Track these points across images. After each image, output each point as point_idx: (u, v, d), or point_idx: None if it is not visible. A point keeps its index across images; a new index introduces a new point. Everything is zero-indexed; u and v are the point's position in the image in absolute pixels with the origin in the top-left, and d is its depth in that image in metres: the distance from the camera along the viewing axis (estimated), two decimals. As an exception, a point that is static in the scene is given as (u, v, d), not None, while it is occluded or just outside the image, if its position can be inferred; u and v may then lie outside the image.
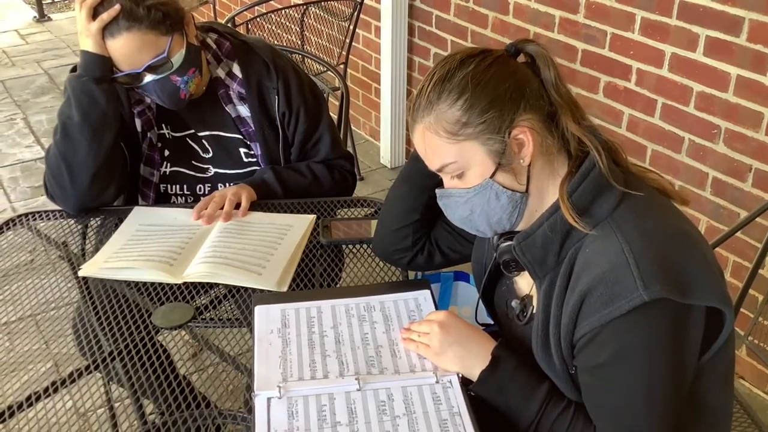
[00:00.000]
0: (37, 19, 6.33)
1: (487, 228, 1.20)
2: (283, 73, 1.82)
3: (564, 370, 1.14)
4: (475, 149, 1.13)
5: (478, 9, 3.12)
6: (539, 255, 1.15)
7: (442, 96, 1.13)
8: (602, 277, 1.05)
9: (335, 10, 3.66)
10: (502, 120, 1.11)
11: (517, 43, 1.19)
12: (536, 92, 1.14)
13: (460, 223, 1.23)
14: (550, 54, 1.17)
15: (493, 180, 1.14)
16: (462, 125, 1.12)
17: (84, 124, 1.66)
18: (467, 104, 1.11)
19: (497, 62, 1.15)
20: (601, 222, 1.10)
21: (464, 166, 1.15)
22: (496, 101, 1.11)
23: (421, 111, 1.15)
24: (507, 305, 1.32)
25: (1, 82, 5.05)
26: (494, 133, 1.11)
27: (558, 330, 1.12)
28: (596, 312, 1.05)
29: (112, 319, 1.43)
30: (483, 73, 1.13)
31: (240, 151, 1.87)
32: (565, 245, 1.13)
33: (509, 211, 1.16)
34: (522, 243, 1.16)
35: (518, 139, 1.12)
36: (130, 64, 1.63)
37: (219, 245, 1.59)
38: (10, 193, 3.69)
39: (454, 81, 1.12)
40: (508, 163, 1.13)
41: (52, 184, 1.73)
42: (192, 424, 1.18)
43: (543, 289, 1.16)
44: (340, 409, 1.15)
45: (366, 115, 4.16)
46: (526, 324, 1.25)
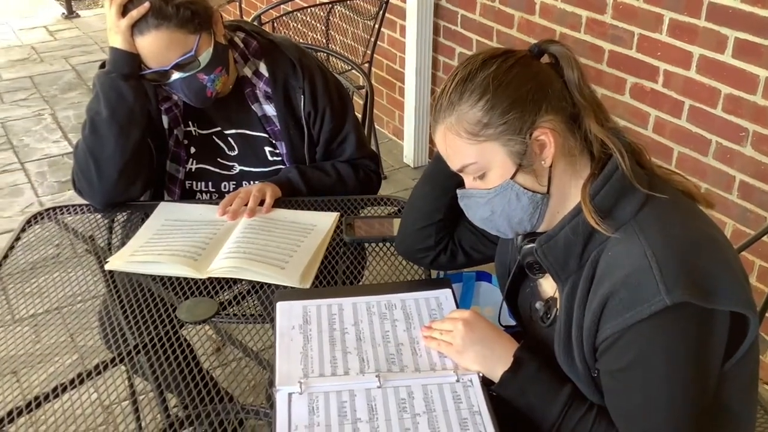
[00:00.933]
0: (66, 15, 6.40)
1: (507, 229, 1.20)
2: (309, 73, 1.82)
3: (586, 373, 1.14)
4: (496, 150, 1.13)
5: (504, 8, 3.11)
6: (561, 257, 1.14)
7: (464, 97, 1.13)
8: (624, 281, 1.04)
9: (361, 8, 3.67)
10: (523, 121, 1.11)
11: (541, 44, 1.19)
12: (559, 93, 1.14)
13: (481, 223, 1.23)
14: (574, 54, 1.16)
15: (514, 181, 1.14)
16: (483, 126, 1.12)
17: (112, 119, 1.68)
18: (488, 105, 1.11)
19: (519, 63, 1.14)
20: (624, 225, 1.09)
21: (485, 166, 1.15)
22: (517, 102, 1.11)
23: (442, 112, 1.15)
24: (531, 307, 1.32)
25: (29, 77, 5.11)
26: (515, 134, 1.11)
27: (580, 333, 1.12)
28: (618, 315, 1.04)
29: (138, 312, 1.45)
30: (505, 74, 1.12)
31: (265, 149, 1.88)
32: (587, 248, 1.12)
33: (530, 212, 1.16)
34: (544, 245, 1.15)
35: (539, 140, 1.12)
36: (158, 61, 1.65)
37: (243, 241, 1.60)
38: (38, 188, 3.74)
39: (475, 82, 1.12)
40: (529, 165, 1.13)
41: (80, 178, 1.75)
42: (215, 418, 1.19)
43: (565, 291, 1.15)
44: (360, 405, 1.16)
45: (390, 114, 4.16)
46: (550, 326, 1.24)
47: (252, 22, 1.94)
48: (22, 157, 4.04)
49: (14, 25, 6.18)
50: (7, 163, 3.98)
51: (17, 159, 4.02)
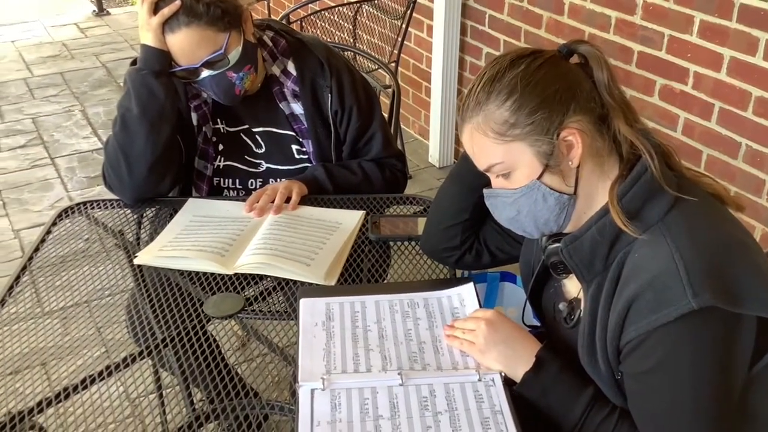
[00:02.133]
0: (96, 13, 6.47)
1: (534, 229, 1.20)
2: (336, 72, 1.83)
3: (610, 375, 1.13)
4: (523, 150, 1.12)
5: (532, 9, 3.10)
6: (587, 258, 1.14)
7: (491, 96, 1.12)
8: (651, 283, 1.04)
9: (388, 8, 3.67)
10: (550, 121, 1.10)
11: (570, 44, 1.18)
12: (587, 94, 1.13)
13: (507, 223, 1.23)
14: (603, 55, 1.16)
15: (541, 181, 1.13)
16: (510, 126, 1.11)
17: (142, 116, 1.70)
18: (516, 105, 1.11)
19: (548, 63, 1.14)
20: (651, 227, 1.08)
21: (511, 166, 1.15)
22: (545, 102, 1.10)
23: (469, 111, 1.15)
24: (554, 308, 1.31)
25: (60, 74, 5.18)
26: (542, 134, 1.11)
27: (604, 335, 1.11)
28: (644, 318, 1.04)
29: (165, 307, 1.47)
30: (533, 74, 1.12)
31: (292, 147, 1.89)
32: (613, 249, 1.12)
33: (556, 212, 1.15)
34: (569, 246, 1.15)
35: (567, 140, 1.11)
36: (188, 59, 1.67)
37: (269, 237, 1.61)
38: (67, 183, 3.79)
39: (503, 81, 1.12)
40: (556, 165, 1.12)
41: (110, 174, 1.77)
42: (240, 413, 1.20)
43: (590, 293, 1.14)
44: (382, 402, 1.16)
45: (415, 113, 4.16)
46: (573, 327, 1.23)
47: (280, 21, 1.95)
48: (53, 152, 4.10)
49: (46, 22, 6.27)
50: (38, 158, 4.03)
51: (47, 154, 4.08)
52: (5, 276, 2.99)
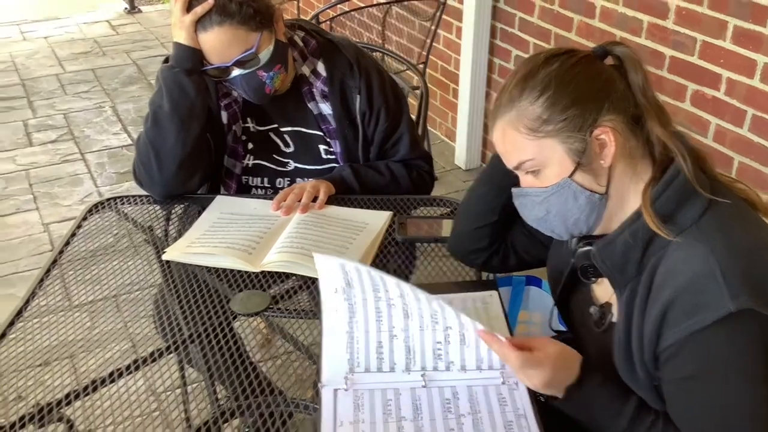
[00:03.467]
0: (128, 10, 6.55)
1: (563, 229, 1.19)
2: (366, 73, 1.84)
3: (648, 381, 1.11)
4: (555, 147, 1.12)
5: (563, 12, 3.08)
6: (619, 263, 1.12)
7: (524, 92, 1.12)
8: (686, 287, 1.03)
9: (418, 9, 3.67)
10: (584, 119, 1.10)
11: (605, 45, 1.17)
12: (622, 94, 1.12)
13: (535, 223, 1.22)
14: (639, 57, 1.15)
15: (572, 179, 1.12)
16: (543, 122, 1.10)
17: (173, 113, 1.72)
18: (549, 101, 1.10)
19: (583, 62, 1.13)
20: (685, 230, 1.07)
21: (542, 163, 1.14)
22: (579, 99, 1.10)
23: (502, 108, 1.14)
24: (584, 312, 1.30)
25: (91, 70, 5.24)
26: (575, 131, 1.10)
27: (641, 341, 1.10)
28: (680, 323, 1.03)
29: (193, 303, 1.48)
30: (568, 72, 1.11)
31: (320, 147, 1.90)
32: (646, 253, 1.10)
33: (587, 212, 1.14)
34: (602, 250, 1.14)
35: (600, 139, 1.10)
36: (220, 57, 1.68)
37: (296, 236, 1.62)
38: (97, 178, 3.84)
39: (537, 78, 1.11)
40: (588, 164, 1.11)
41: (141, 170, 1.80)
42: (266, 410, 1.21)
43: (624, 298, 1.13)
44: (405, 404, 1.16)
45: (443, 115, 4.16)
46: (605, 332, 1.22)
47: (310, 21, 1.96)
48: (83, 147, 4.15)
49: (78, 19, 6.35)
50: (69, 153, 4.09)
51: (78, 149, 4.13)
52: (35, 269, 3.06)
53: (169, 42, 5.56)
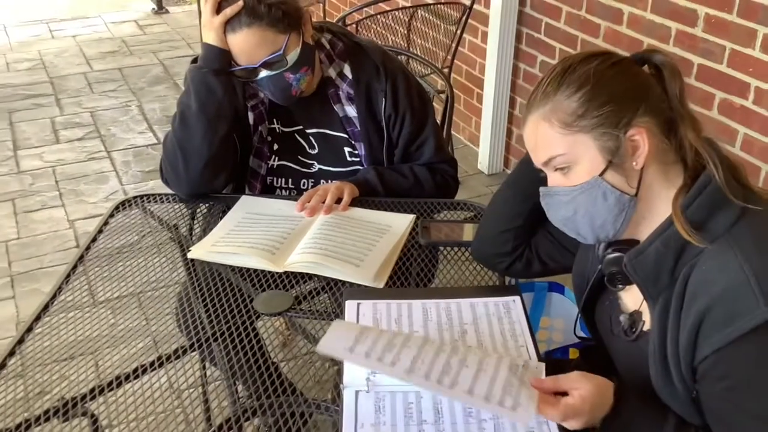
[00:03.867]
0: (156, 11, 6.60)
1: (589, 231, 1.17)
2: (392, 76, 1.84)
3: (686, 394, 1.09)
4: (587, 143, 1.10)
5: (591, 18, 3.07)
6: (652, 273, 1.11)
7: (561, 87, 1.11)
8: (721, 296, 1.01)
9: (443, 13, 3.67)
10: (619, 117, 1.09)
11: (645, 52, 1.17)
12: (658, 98, 1.12)
13: (561, 224, 1.21)
14: (678, 67, 1.14)
15: (602, 178, 1.11)
16: (578, 117, 1.09)
17: (200, 113, 1.73)
18: (586, 96, 1.09)
19: (622, 63, 1.13)
20: (718, 238, 1.06)
21: (573, 159, 1.12)
22: (616, 97, 1.09)
23: (537, 102, 1.14)
24: (611, 320, 1.29)
25: (118, 69, 5.29)
26: (610, 128, 1.09)
27: (677, 353, 1.08)
28: (716, 332, 1.01)
29: (216, 301, 1.49)
30: (607, 70, 1.11)
31: (345, 150, 1.90)
32: (679, 262, 1.09)
33: (615, 213, 1.13)
34: (633, 260, 1.12)
35: (633, 140, 1.09)
36: (248, 58, 1.69)
37: (319, 237, 1.62)
38: (122, 176, 3.87)
39: (575, 74, 1.11)
40: (620, 163, 1.10)
41: (168, 168, 1.81)
42: (287, 409, 1.22)
43: (657, 310, 1.11)
44: (426, 407, 1.16)
45: (466, 119, 4.15)
46: (635, 341, 1.21)
47: (337, 24, 1.97)
48: (109, 146, 4.19)
49: (106, 19, 6.42)
50: (95, 151, 4.13)
51: (104, 147, 4.17)
52: (60, 264, 3.10)
53: (196, 43, 5.63)
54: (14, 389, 1.27)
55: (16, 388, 1.28)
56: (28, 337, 1.40)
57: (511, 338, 1.32)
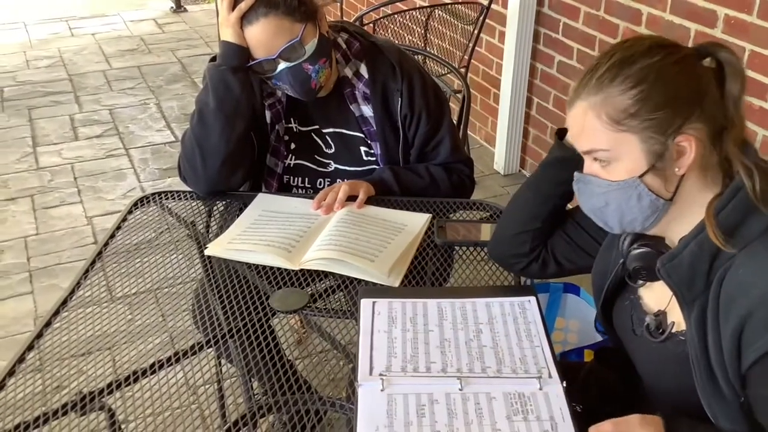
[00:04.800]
0: (174, 9, 6.65)
1: (616, 225, 1.15)
2: (408, 76, 1.84)
3: (734, 399, 1.07)
4: (633, 144, 1.07)
5: (609, 18, 3.06)
6: (687, 277, 1.08)
7: (617, 79, 1.06)
8: (762, 299, 0.99)
9: (461, 13, 3.67)
10: (671, 122, 1.05)
11: (710, 46, 1.11)
12: (714, 103, 1.07)
13: (590, 212, 1.18)
14: (742, 66, 1.09)
15: (641, 180, 1.08)
16: (629, 115, 1.05)
17: (219, 110, 1.74)
18: (642, 95, 1.04)
19: (685, 61, 1.07)
20: (751, 242, 1.03)
21: (615, 156, 1.09)
22: (672, 101, 1.04)
23: (588, 88, 1.08)
24: (632, 320, 1.27)
25: (137, 67, 5.33)
26: (659, 133, 1.05)
27: (721, 358, 1.05)
28: (761, 337, 0.99)
29: (233, 298, 1.50)
30: (668, 68, 1.05)
31: (361, 149, 1.91)
32: (714, 265, 1.06)
33: (647, 215, 1.11)
34: (667, 264, 1.10)
35: (681, 146, 1.06)
36: (266, 50, 1.70)
37: (335, 234, 1.63)
38: (140, 174, 3.90)
39: (634, 67, 1.05)
40: (662, 168, 1.07)
41: (186, 166, 1.82)
42: (302, 407, 1.22)
43: (694, 316, 1.08)
44: (439, 408, 1.16)
45: (482, 119, 4.14)
46: (662, 342, 1.18)
47: (354, 24, 1.98)
48: (127, 143, 4.22)
49: (125, 17, 6.47)
50: (113, 148, 4.16)
51: (122, 145, 4.20)
52: (77, 260, 3.13)
53: (214, 41, 5.66)
54: (33, 383, 1.29)
55: (35, 382, 1.29)
56: (47, 331, 1.41)
57: (526, 339, 1.32)
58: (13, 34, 5.99)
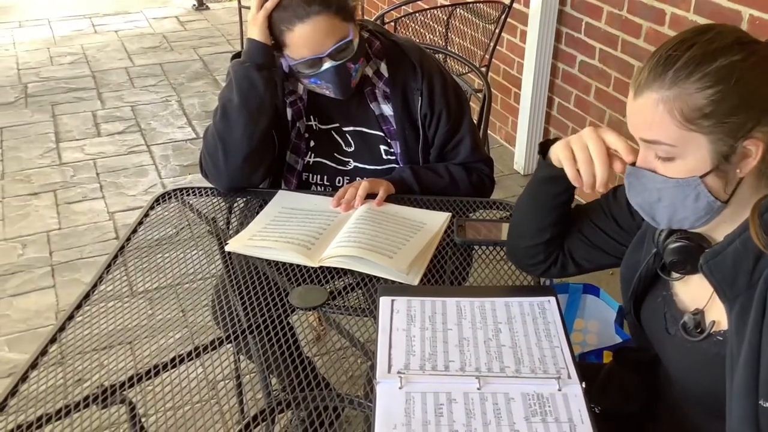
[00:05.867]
0: (196, 7, 6.68)
1: (664, 221, 1.12)
2: (428, 75, 1.84)
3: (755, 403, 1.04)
4: (701, 144, 1.03)
5: (632, 18, 3.03)
6: (730, 274, 1.06)
7: (694, 76, 1.01)
8: None
9: (482, 12, 3.66)
10: (743, 126, 1.01)
11: None
12: None
13: (639, 206, 1.15)
14: None
15: (703, 180, 1.05)
16: (702, 115, 1.01)
17: (242, 107, 1.75)
18: (719, 95, 1.00)
19: (764, 63, 1.02)
20: None
21: (680, 153, 1.05)
22: (748, 104, 1.00)
23: (659, 80, 1.03)
24: (666, 318, 1.24)
25: (159, 64, 5.37)
26: (729, 135, 1.01)
27: (757, 357, 1.03)
28: None
29: (252, 294, 1.51)
30: (749, 69, 1.00)
31: (380, 148, 1.91)
32: (759, 263, 1.04)
33: (700, 215, 1.08)
34: (711, 261, 1.08)
35: (747, 149, 1.02)
36: (316, 48, 1.69)
37: (354, 231, 1.63)
38: (161, 170, 3.92)
39: (714, 65, 1.00)
40: (725, 170, 1.04)
41: (207, 162, 1.83)
42: (320, 403, 1.23)
43: (734, 312, 1.06)
44: (457, 408, 1.16)
45: (503, 119, 4.13)
46: (699, 341, 1.16)
47: (375, 22, 1.98)
48: (149, 139, 4.25)
49: (148, 14, 6.52)
50: (135, 145, 4.20)
51: (144, 141, 4.23)
52: (99, 255, 3.16)
53: (235, 39, 5.69)
54: (54, 376, 1.30)
55: (56, 375, 1.31)
56: (69, 325, 1.42)
57: (545, 339, 1.32)
58: (38, 31, 6.06)
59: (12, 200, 3.62)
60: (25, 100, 4.75)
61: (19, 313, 2.84)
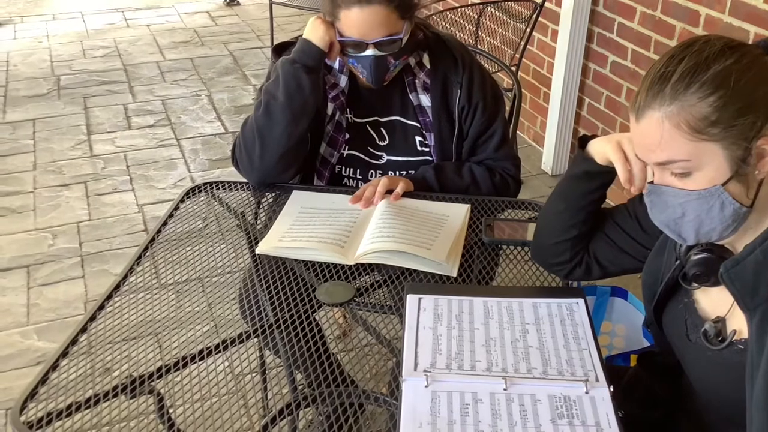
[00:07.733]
0: (227, 2, 6.71)
1: (692, 235, 1.10)
2: (469, 69, 1.85)
3: None
4: (715, 152, 1.02)
5: (665, 18, 3.00)
6: (750, 284, 1.04)
7: (692, 87, 1.01)
8: None
9: (513, 11, 3.64)
10: (752, 125, 1.00)
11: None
12: None
13: (663, 224, 1.14)
14: None
15: (725, 188, 1.04)
16: (710, 124, 1.00)
17: (287, 106, 1.75)
18: (722, 101, 0.99)
19: (758, 62, 1.03)
20: None
21: (696, 166, 1.04)
22: (753, 105, 1.00)
23: (660, 98, 1.03)
24: (687, 325, 1.24)
25: (190, 59, 5.40)
26: (741, 138, 1.01)
27: None
28: None
29: (280, 290, 1.51)
30: (745, 70, 1.01)
31: (416, 139, 1.92)
32: None
33: (727, 224, 1.06)
34: (731, 270, 1.06)
35: (761, 149, 1.02)
36: (364, 34, 1.70)
37: (385, 226, 1.63)
38: (190, 164, 3.95)
39: (709, 72, 1.00)
40: (744, 173, 1.03)
41: (242, 153, 1.83)
42: (346, 399, 1.23)
43: (755, 322, 1.05)
44: (483, 408, 1.16)
45: (532, 119, 4.11)
46: (720, 350, 1.15)
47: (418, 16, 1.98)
48: (179, 133, 4.29)
49: (180, 9, 6.56)
50: (165, 138, 4.23)
51: (174, 135, 4.27)
52: (128, 247, 3.19)
53: (265, 35, 5.71)
54: (84, 365, 1.32)
55: (85, 364, 1.32)
56: (99, 315, 1.44)
57: (573, 341, 1.31)
58: (71, 24, 6.13)
59: (43, 191, 3.67)
60: (58, 93, 4.80)
61: (48, 303, 2.88)
